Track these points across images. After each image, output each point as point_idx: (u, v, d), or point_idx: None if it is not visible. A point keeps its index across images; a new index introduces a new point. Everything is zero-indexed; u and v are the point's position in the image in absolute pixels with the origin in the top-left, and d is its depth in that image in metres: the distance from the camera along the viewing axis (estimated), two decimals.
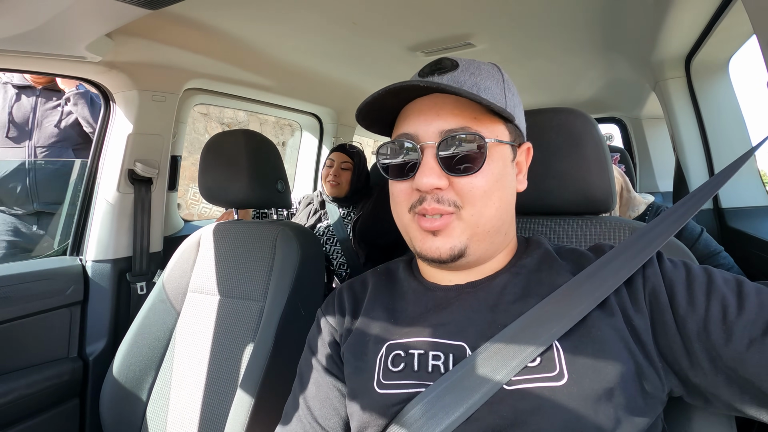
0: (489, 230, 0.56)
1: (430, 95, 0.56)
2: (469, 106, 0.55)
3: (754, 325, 0.46)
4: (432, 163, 0.53)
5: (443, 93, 0.54)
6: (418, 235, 0.56)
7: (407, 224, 0.58)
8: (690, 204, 0.60)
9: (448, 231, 0.55)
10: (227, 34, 1.35)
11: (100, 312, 1.39)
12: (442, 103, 0.55)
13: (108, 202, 1.42)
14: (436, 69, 0.58)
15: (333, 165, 1.93)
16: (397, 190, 0.58)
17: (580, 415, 0.45)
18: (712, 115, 1.46)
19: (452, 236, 0.55)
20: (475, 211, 0.54)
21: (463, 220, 0.54)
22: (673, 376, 0.50)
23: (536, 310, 0.52)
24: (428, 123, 0.55)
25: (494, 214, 0.56)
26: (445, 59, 0.59)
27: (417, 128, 0.55)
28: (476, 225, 0.55)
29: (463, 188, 0.54)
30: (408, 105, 0.58)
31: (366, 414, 0.54)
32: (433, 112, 0.55)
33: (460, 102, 0.55)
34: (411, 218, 0.57)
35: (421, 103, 0.56)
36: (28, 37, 0.90)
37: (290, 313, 1.00)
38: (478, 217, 0.55)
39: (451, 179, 0.54)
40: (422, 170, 0.54)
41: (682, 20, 1.22)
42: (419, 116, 0.55)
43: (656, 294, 0.52)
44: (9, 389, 1.14)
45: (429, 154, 0.54)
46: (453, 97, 0.55)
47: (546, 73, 1.89)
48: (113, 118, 1.42)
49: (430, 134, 0.54)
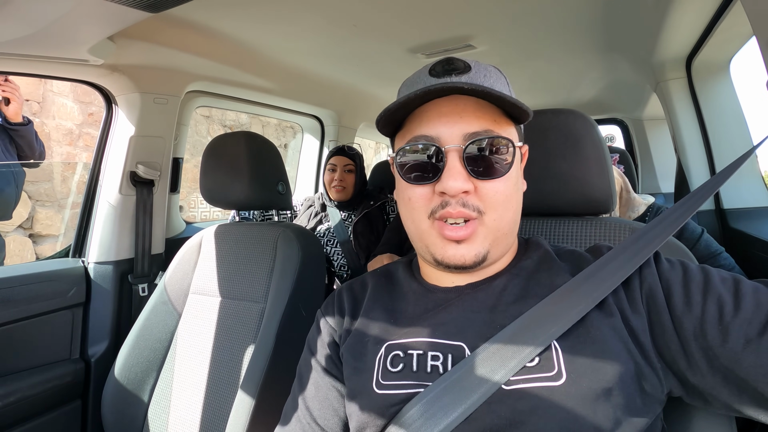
0: (507, 233, 0.57)
1: (449, 96, 0.55)
2: (489, 108, 0.55)
3: (750, 325, 0.46)
4: (458, 166, 0.53)
5: (465, 94, 0.53)
6: (439, 243, 0.55)
7: (425, 231, 0.56)
8: (688, 205, 0.60)
9: (473, 237, 0.54)
10: (228, 37, 1.36)
11: (102, 313, 1.39)
12: (463, 104, 0.54)
13: (110, 204, 1.42)
14: (452, 69, 0.57)
15: (336, 169, 1.90)
16: (416, 195, 0.56)
17: (579, 414, 0.45)
18: (714, 115, 1.46)
19: (476, 242, 0.55)
20: (497, 216, 0.54)
21: (486, 226, 0.54)
22: (672, 376, 0.50)
23: (535, 311, 0.53)
24: (451, 125, 0.54)
25: (512, 217, 0.57)
26: (456, 59, 0.58)
27: (438, 130, 0.54)
28: (498, 230, 0.55)
29: (487, 193, 0.54)
30: (424, 106, 0.56)
31: (365, 414, 0.54)
32: (456, 114, 0.54)
33: (480, 104, 0.54)
34: (430, 225, 0.56)
35: (441, 104, 0.55)
36: (30, 40, 0.91)
37: (291, 314, 1.01)
38: (500, 222, 0.55)
39: (475, 183, 0.54)
40: (449, 173, 0.52)
41: (683, 21, 1.22)
42: (440, 118, 0.54)
43: (653, 294, 0.52)
44: (12, 390, 1.14)
45: (454, 157, 0.53)
46: (473, 99, 0.54)
47: (547, 75, 1.89)
48: (115, 120, 1.43)
49: (454, 137, 0.53)
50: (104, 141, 1.45)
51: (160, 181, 1.51)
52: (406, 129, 0.58)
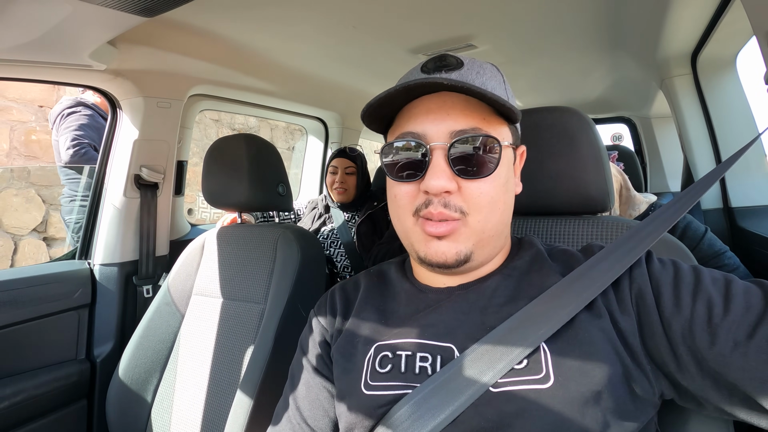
0: (493, 235, 0.56)
1: (437, 93, 0.54)
2: (479, 106, 0.53)
3: (739, 328, 0.44)
4: (443, 164, 0.52)
5: (452, 91, 0.52)
6: (422, 239, 0.55)
7: (409, 228, 0.56)
8: (681, 203, 0.59)
9: (454, 236, 0.53)
10: (229, 40, 1.37)
11: (108, 314, 1.41)
12: (451, 102, 0.53)
13: (115, 206, 1.45)
14: (443, 66, 0.56)
15: (337, 172, 1.92)
16: (402, 193, 0.56)
17: (566, 418, 0.45)
18: (720, 112, 1.43)
19: (458, 241, 0.53)
20: (481, 217, 0.53)
21: (469, 227, 0.53)
22: (663, 378, 0.49)
23: (524, 312, 0.52)
24: (437, 122, 0.53)
25: (499, 219, 0.55)
26: (449, 56, 0.57)
27: (425, 127, 0.53)
28: (482, 231, 0.54)
29: (472, 194, 0.52)
30: (413, 102, 0.55)
31: (353, 415, 0.54)
32: (443, 111, 0.53)
33: (469, 102, 0.53)
34: (414, 222, 0.55)
35: (429, 101, 0.54)
36: (33, 46, 0.93)
37: (290, 314, 1.01)
38: (485, 223, 0.54)
39: (460, 183, 0.52)
40: (432, 171, 0.52)
41: (686, 16, 1.20)
42: (427, 115, 0.53)
43: (642, 295, 0.51)
44: (19, 390, 1.16)
45: (439, 155, 0.52)
46: (463, 96, 0.53)
47: (550, 74, 1.87)
48: (120, 124, 1.45)
49: (440, 134, 0.52)
50: (109, 144, 1.47)
51: (164, 183, 1.53)
52: (396, 125, 0.58)
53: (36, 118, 3.12)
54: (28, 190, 3.08)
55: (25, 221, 3.05)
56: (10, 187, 3.00)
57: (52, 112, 2.29)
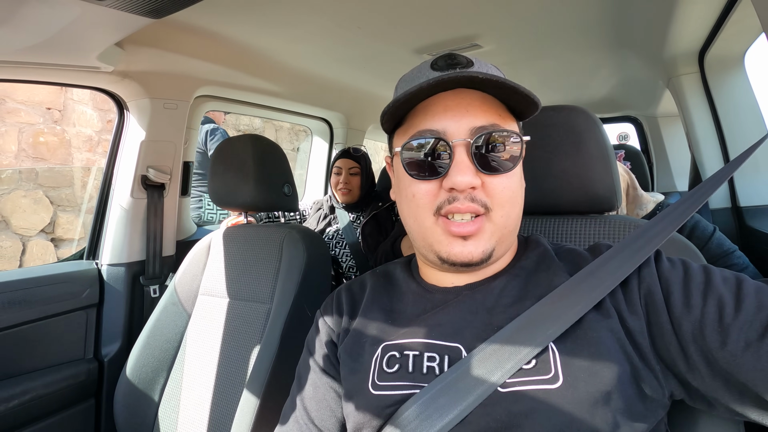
0: (512, 230, 0.56)
1: (453, 90, 0.54)
2: (494, 103, 0.54)
3: (750, 327, 0.44)
4: (467, 160, 0.52)
5: (472, 88, 0.53)
6: (444, 240, 0.54)
7: (428, 228, 0.55)
8: (689, 202, 0.58)
9: (479, 234, 0.53)
10: (235, 42, 1.37)
11: (115, 314, 1.42)
12: (469, 98, 0.53)
13: (122, 207, 1.46)
14: (455, 63, 0.56)
15: (341, 173, 1.92)
16: (422, 191, 0.55)
17: (575, 418, 0.44)
18: (728, 111, 1.42)
19: (483, 239, 0.53)
20: (504, 212, 0.53)
21: (493, 222, 0.53)
22: (673, 378, 0.49)
23: (532, 312, 0.52)
24: (457, 119, 0.53)
25: (518, 213, 0.56)
26: (458, 55, 0.57)
27: (444, 124, 0.53)
28: (504, 226, 0.54)
29: (495, 189, 0.53)
30: (428, 100, 0.55)
31: (360, 415, 0.53)
32: (462, 108, 0.53)
33: (486, 99, 0.54)
34: (434, 221, 0.54)
35: (445, 98, 0.54)
36: (42, 48, 0.94)
37: (296, 314, 1.01)
38: (506, 218, 0.54)
39: (483, 178, 0.53)
40: (457, 168, 0.51)
41: (693, 14, 1.19)
42: (446, 112, 0.53)
43: (652, 295, 0.50)
44: (27, 389, 1.17)
45: (462, 151, 0.52)
46: (479, 93, 0.53)
47: (557, 73, 1.86)
48: (127, 125, 1.46)
49: (461, 131, 0.52)
50: (116, 146, 1.48)
51: (170, 184, 1.54)
52: (408, 124, 0.57)
53: (44, 120, 3.15)
54: (36, 191, 3.10)
55: (33, 222, 3.07)
56: (18, 188, 3.02)
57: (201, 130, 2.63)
